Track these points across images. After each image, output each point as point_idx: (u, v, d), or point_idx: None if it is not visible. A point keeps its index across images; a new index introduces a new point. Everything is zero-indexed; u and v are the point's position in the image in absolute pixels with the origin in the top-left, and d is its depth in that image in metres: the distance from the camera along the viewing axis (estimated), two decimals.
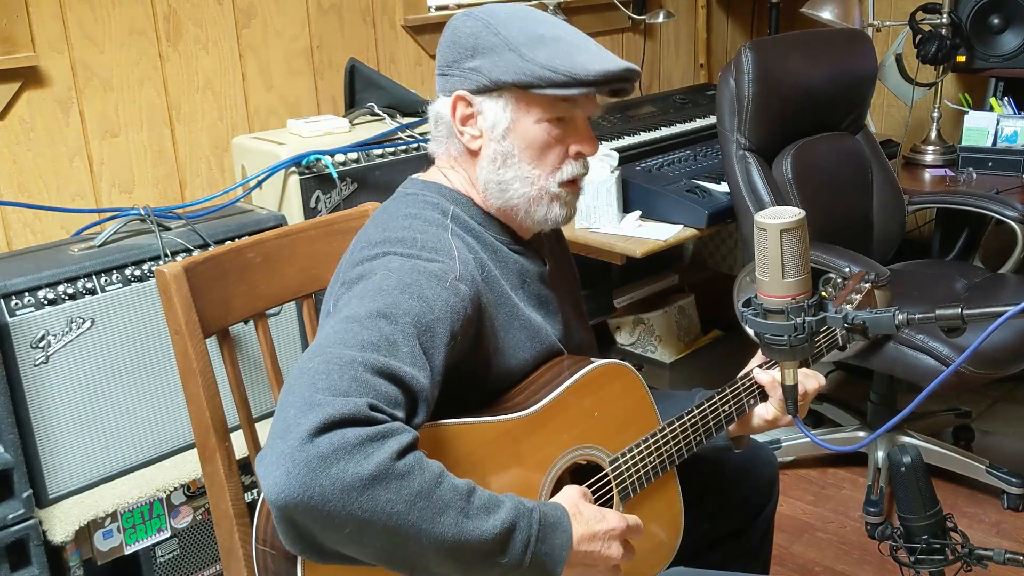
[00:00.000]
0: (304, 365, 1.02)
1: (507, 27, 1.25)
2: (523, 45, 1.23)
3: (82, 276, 1.80)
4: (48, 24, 2.08)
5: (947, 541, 1.43)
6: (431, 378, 1.08)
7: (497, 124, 1.26)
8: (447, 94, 1.29)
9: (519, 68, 1.22)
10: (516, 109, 1.26)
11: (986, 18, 3.08)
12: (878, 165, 2.71)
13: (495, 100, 1.26)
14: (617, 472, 1.30)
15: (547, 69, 1.21)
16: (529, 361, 1.31)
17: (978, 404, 2.98)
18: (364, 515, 0.94)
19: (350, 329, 1.06)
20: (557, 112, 1.26)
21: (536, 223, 1.32)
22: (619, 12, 3.25)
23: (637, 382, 1.38)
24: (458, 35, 1.27)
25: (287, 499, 0.93)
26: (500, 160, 1.28)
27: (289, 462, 0.93)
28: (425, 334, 1.10)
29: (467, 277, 1.20)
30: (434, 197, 1.31)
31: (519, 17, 1.27)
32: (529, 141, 1.27)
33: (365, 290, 1.13)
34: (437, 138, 1.34)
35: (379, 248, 1.21)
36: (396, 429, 0.99)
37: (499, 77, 1.23)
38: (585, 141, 1.30)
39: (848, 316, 1.16)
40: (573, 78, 1.21)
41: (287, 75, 2.50)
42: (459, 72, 1.27)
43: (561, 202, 1.31)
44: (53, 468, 1.79)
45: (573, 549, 1.09)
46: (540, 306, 1.36)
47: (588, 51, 1.25)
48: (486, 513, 1.02)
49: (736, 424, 1.45)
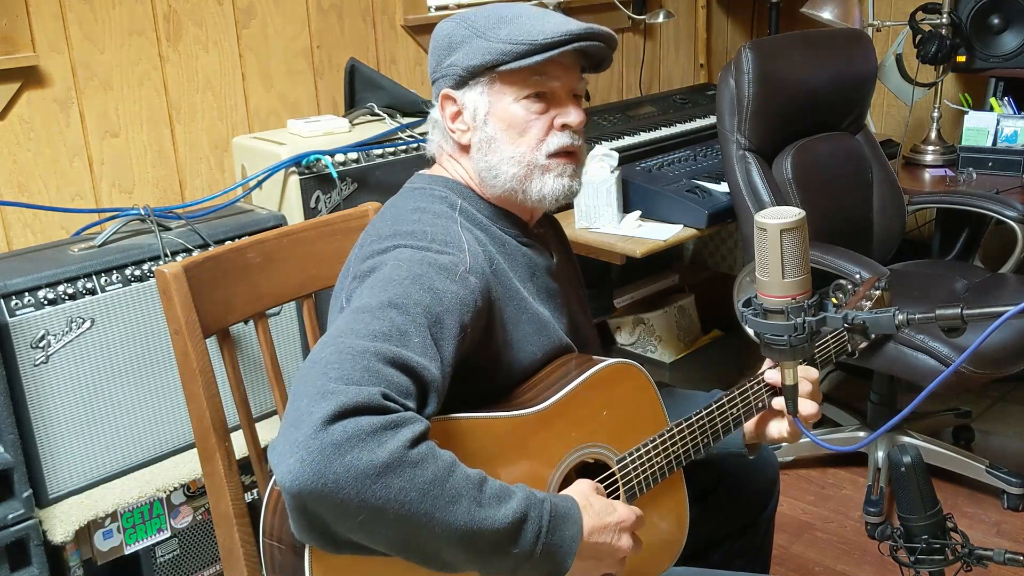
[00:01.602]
0: (317, 355, 1.03)
1: (475, 18, 1.30)
2: (487, 29, 1.27)
3: (82, 276, 1.80)
4: (48, 24, 2.08)
5: (947, 541, 1.43)
6: (442, 369, 1.09)
7: (478, 111, 1.29)
8: (437, 98, 1.33)
9: (484, 49, 1.26)
10: (491, 92, 1.28)
11: (986, 18, 3.08)
12: (878, 165, 2.71)
13: (472, 89, 1.29)
14: (624, 471, 1.30)
15: (508, 43, 1.24)
16: (538, 354, 1.31)
17: (978, 404, 2.98)
18: (377, 503, 0.95)
19: (362, 319, 1.07)
20: (532, 87, 1.28)
21: (536, 201, 1.31)
22: (619, 12, 3.25)
23: (647, 382, 1.38)
24: (438, 38, 1.33)
25: (301, 487, 0.93)
26: (486, 146, 1.30)
27: (303, 450, 0.93)
28: (436, 325, 1.11)
29: (477, 270, 1.21)
30: (442, 191, 1.32)
31: (488, 8, 1.31)
32: (509, 121, 1.28)
33: (376, 281, 1.14)
34: (433, 139, 1.38)
35: (389, 241, 1.22)
36: (409, 418, 1.00)
37: (469, 63, 1.27)
38: (567, 111, 1.30)
39: (848, 316, 1.15)
40: (533, 44, 1.23)
41: (287, 75, 2.50)
42: (441, 72, 1.32)
43: (554, 173, 1.30)
44: (53, 468, 1.79)
45: (584, 540, 1.10)
46: (548, 300, 1.36)
47: (550, 20, 1.27)
48: (498, 502, 1.03)
49: (753, 432, 1.45)
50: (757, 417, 1.45)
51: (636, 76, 3.49)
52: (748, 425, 1.45)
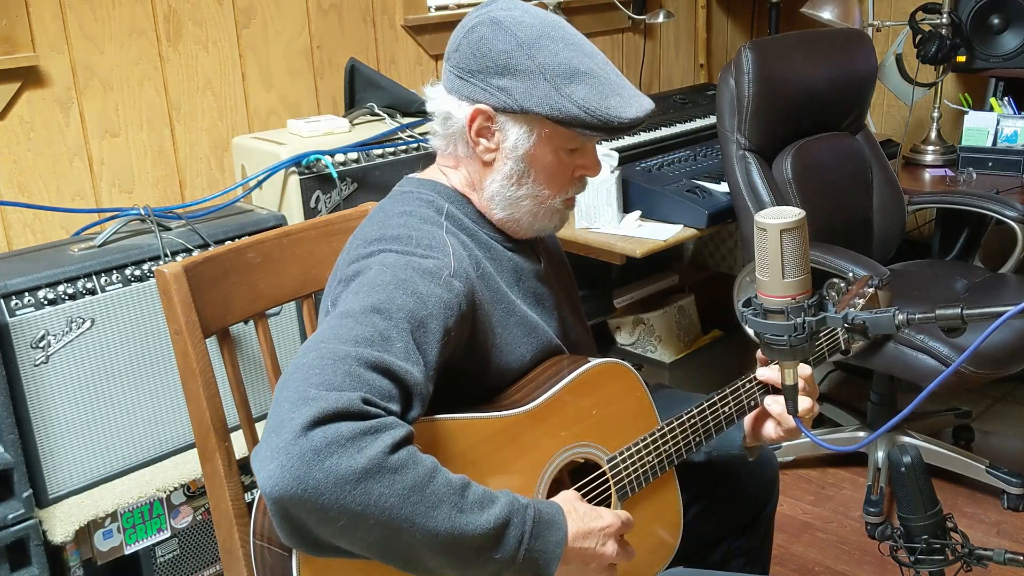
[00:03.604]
0: (299, 360, 1.03)
1: (542, 52, 1.21)
2: (559, 77, 1.21)
3: (82, 276, 1.80)
4: (48, 24, 2.08)
5: (947, 541, 1.43)
6: (425, 373, 1.09)
7: (518, 146, 1.26)
8: (466, 100, 1.26)
9: (553, 103, 1.21)
10: (539, 136, 1.26)
11: (986, 18, 3.08)
12: (878, 165, 2.71)
13: (519, 123, 1.25)
14: (615, 471, 1.30)
15: (582, 110, 1.21)
16: (527, 357, 1.31)
17: (978, 404, 2.98)
18: (357, 508, 0.95)
19: (344, 324, 1.07)
20: (576, 144, 1.29)
21: (532, 232, 1.36)
22: (619, 12, 3.25)
23: (636, 382, 1.38)
24: (487, 47, 1.23)
25: (281, 492, 0.93)
26: (516, 178, 1.29)
27: (283, 455, 0.94)
28: (419, 330, 1.11)
29: (462, 274, 1.21)
30: (429, 195, 1.31)
31: (552, 39, 1.23)
32: (544, 165, 1.28)
33: (360, 286, 1.14)
34: (442, 135, 1.32)
35: (375, 246, 1.21)
36: (390, 424, 1.00)
37: (531, 107, 1.22)
38: (592, 166, 1.33)
39: (848, 316, 1.16)
40: (606, 124, 1.21)
41: (287, 75, 2.50)
42: (485, 85, 1.24)
43: (560, 216, 1.36)
44: (53, 468, 1.79)
45: (568, 546, 1.10)
46: (536, 303, 1.37)
47: (620, 93, 1.24)
48: (480, 508, 1.03)
49: (751, 434, 1.45)
50: (754, 419, 1.44)
51: (636, 76, 3.49)
52: (747, 427, 1.45)
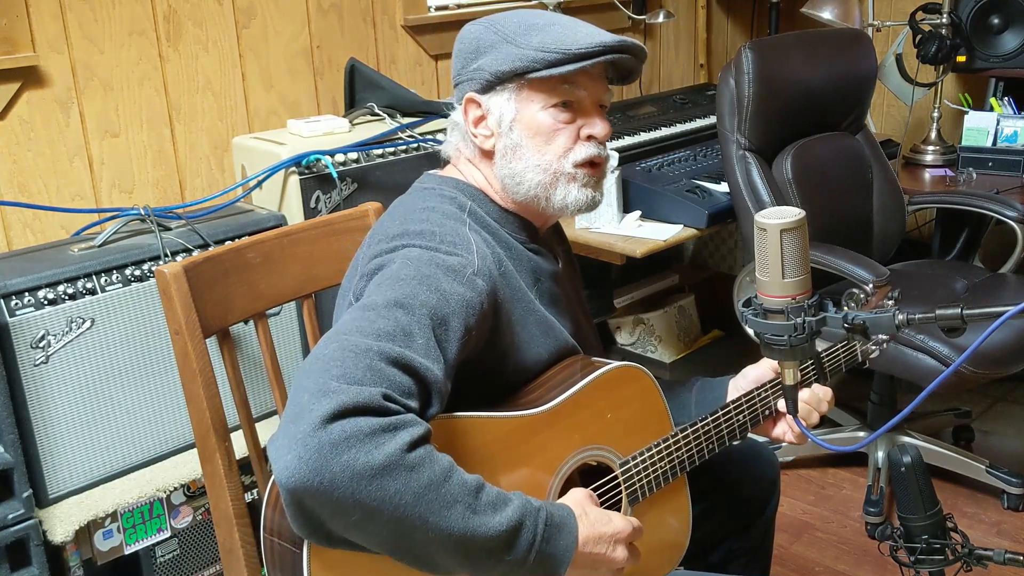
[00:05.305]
0: (320, 351, 1.03)
1: (504, 23, 1.28)
2: (518, 35, 1.26)
3: (82, 276, 1.80)
4: (48, 24, 2.08)
5: (947, 541, 1.43)
6: (445, 371, 1.09)
7: (504, 117, 1.28)
8: (460, 101, 1.32)
9: (515, 55, 1.25)
10: (519, 99, 1.27)
11: (986, 18, 3.08)
12: (878, 165, 2.71)
13: (499, 94, 1.28)
14: (627, 475, 1.30)
15: (540, 51, 1.24)
16: (544, 356, 1.31)
17: (978, 404, 2.98)
18: (372, 503, 0.95)
19: (367, 317, 1.07)
20: (560, 96, 1.28)
21: (558, 209, 1.32)
22: (619, 12, 3.25)
23: (652, 386, 1.38)
24: (463, 42, 1.32)
25: (297, 483, 0.94)
26: (510, 153, 1.29)
27: (301, 447, 0.94)
28: (440, 327, 1.11)
29: (485, 272, 1.21)
30: (451, 192, 1.31)
31: (518, 14, 1.30)
32: (536, 129, 1.28)
33: (383, 279, 1.14)
34: (451, 141, 1.36)
35: (398, 240, 1.21)
36: (409, 421, 1.00)
37: (498, 69, 1.26)
38: (593, 123, 1.31)
39: (848, 316, 1.15)
40: (565, 54, 1.23)
41: (287, 75, 2.50)
42: (467, 76, 1.30)
43: (579, 183, 1.30)
44: (53, 468, 1.79)
45: (578, 550, 1.10)
46: (553, 303, 1.36)
47: (582, 30, 1.27)
48: (493, 510, 1.03)
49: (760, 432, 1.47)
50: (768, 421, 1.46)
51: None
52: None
